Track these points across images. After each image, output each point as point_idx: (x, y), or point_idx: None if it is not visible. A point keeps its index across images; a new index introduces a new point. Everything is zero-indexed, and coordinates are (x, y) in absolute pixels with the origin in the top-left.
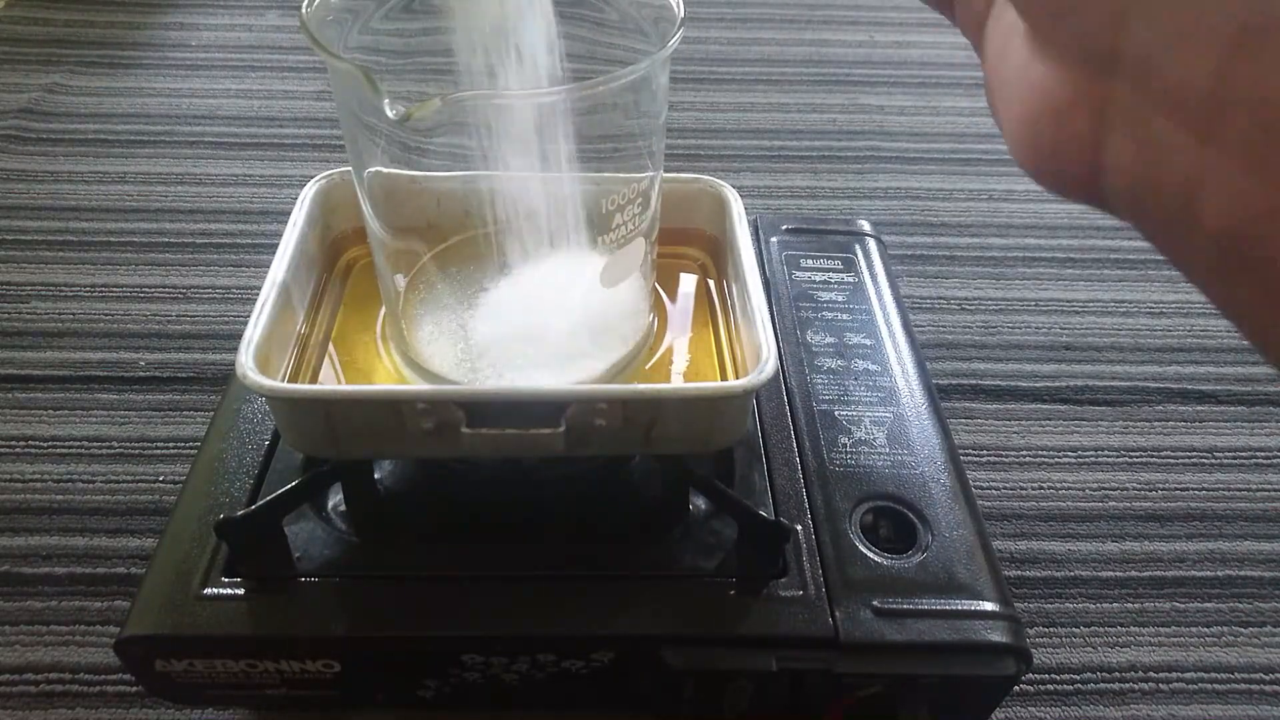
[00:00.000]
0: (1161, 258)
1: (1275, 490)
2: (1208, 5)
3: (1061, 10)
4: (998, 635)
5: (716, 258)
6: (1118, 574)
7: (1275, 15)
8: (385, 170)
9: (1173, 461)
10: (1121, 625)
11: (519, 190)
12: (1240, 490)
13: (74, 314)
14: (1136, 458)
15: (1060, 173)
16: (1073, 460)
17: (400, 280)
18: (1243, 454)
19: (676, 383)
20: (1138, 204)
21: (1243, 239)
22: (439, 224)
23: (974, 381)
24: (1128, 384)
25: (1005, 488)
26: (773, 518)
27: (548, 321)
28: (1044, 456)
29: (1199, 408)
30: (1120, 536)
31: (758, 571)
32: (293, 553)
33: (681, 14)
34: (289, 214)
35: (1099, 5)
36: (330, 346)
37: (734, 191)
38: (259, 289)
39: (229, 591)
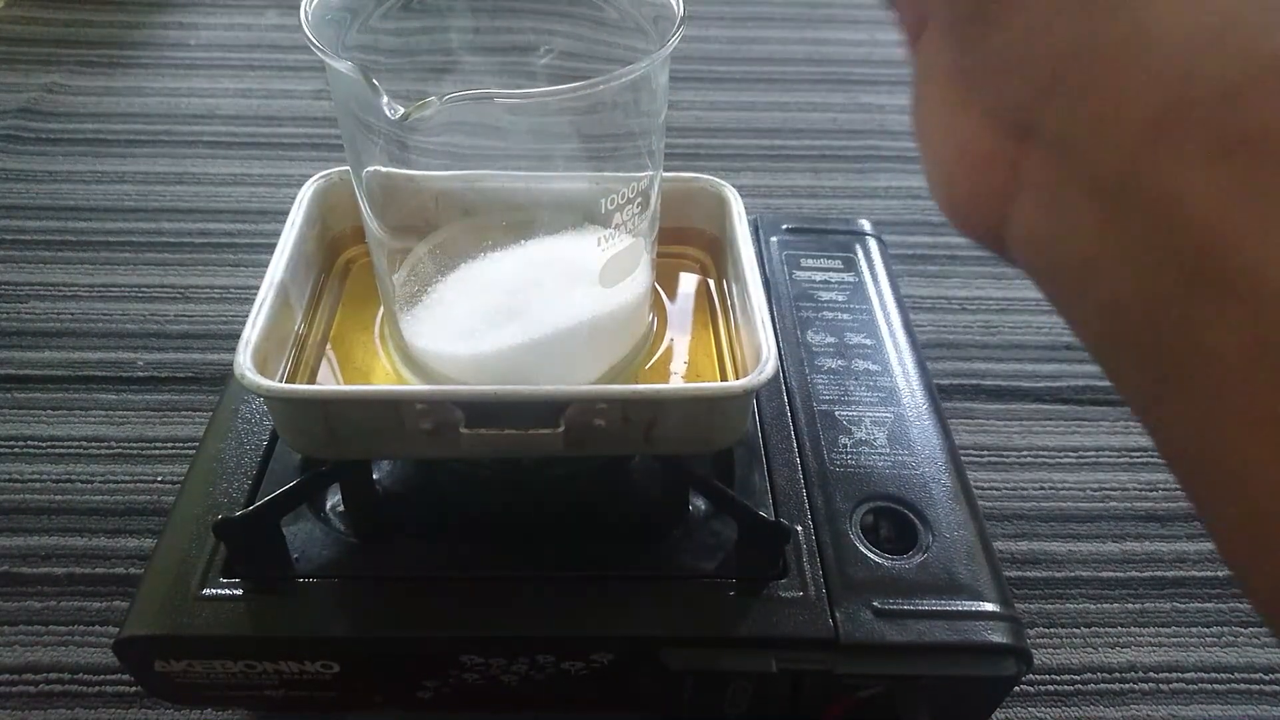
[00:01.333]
0: None
1: None
2: (1128, 95)
3: (991, 73)
4: (998, 636)
5: (716, 257)
6: (1118, 574)
7: (1187, 116)
8: (384, 169)
9: None
10: (1121, 625)
11: (518, 190)
12: None
13: (72, 314)
14: (1137, 458)
15: (969, 219)
16: (1073, 460)
17: (399, 280)
18: None
19: (676, 383)
20: (1037, 262)
21: (1130, 318)
22: (437, 223)
23: (975, 381)
24: None
25: (1006, 488)
26: (773, 518)
27: (547, 321)
28: (1044, 456)
29: None
30: (1120, 536)
31: (758, 572)
32: (291, 553)
33: (681, 13)
34: (287, 213)
35: (1027, 76)
36: (328, 346)
37: (734, 191)
38: (257, 289)
39: (228, 592)
